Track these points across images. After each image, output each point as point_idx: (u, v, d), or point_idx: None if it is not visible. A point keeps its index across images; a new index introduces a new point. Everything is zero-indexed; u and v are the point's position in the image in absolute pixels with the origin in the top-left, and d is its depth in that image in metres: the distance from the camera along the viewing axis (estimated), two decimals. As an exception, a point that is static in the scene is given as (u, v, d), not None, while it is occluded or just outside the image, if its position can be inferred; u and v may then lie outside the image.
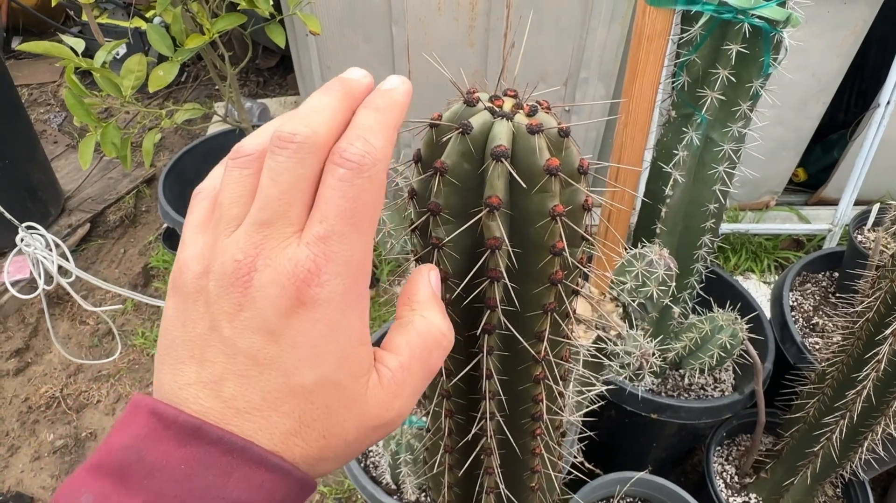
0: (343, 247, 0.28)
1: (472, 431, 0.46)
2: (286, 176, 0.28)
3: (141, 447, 0.26)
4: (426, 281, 0.34)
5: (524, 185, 0.33)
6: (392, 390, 0.30)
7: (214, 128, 2.36)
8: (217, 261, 0.29)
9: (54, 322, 1.90)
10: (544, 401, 0.44)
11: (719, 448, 1.38)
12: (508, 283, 0.36)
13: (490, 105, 0.35)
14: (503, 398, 0.44)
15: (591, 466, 0.94)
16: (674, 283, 0.83)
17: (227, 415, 0.27)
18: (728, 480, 1.33)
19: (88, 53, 1.32)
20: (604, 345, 0.78)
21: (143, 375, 1.88)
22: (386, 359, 0.31)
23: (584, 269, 0.40)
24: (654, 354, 0.76)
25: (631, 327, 0.81)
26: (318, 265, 0.27)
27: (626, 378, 0.76)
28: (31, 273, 1.50)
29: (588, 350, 0.74)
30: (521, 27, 1.69)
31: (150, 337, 1.94)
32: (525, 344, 0.39)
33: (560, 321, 0.40)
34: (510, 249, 0.35)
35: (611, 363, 0.76)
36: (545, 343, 0.40)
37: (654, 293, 0.82)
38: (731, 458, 1.37)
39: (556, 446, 0.51)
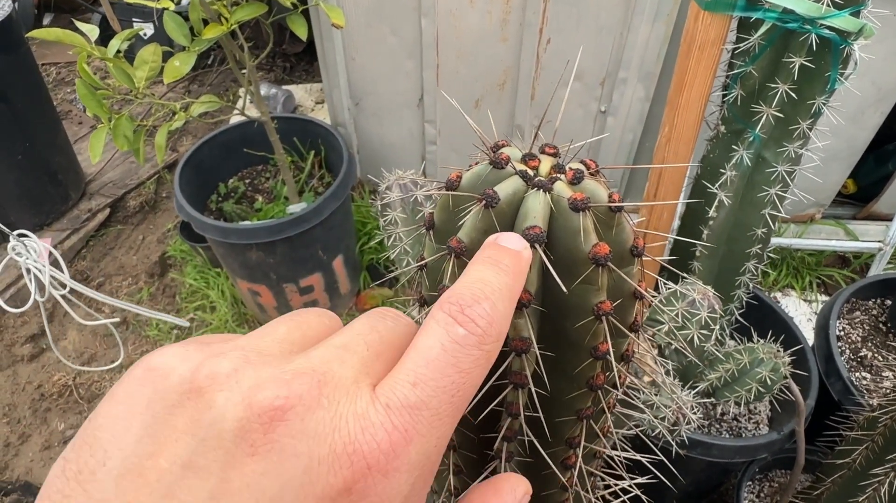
0: (433, 429, 0.20)
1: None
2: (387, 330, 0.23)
3: None
4: None
5: (564, 287, 0.25)
6: None
7: (239, 116, 2.30)
8: (248, 374, 0.20)
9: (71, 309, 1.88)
10: (572, 507, 0.37)
11: (751, 483, 1.29)
12: (536, 390, 0.29)
13: (523, 168, 0.28)
14: None
15: (609, 496, 0.87)
16: (717, 327, 0.74)
17: None
18: (758, 519, 1.25)
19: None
20: (636, 394, 0.70)
21: (156, 368, 1.85)
22: None
23: (629, 360, 0.33)
24: (692, 408, 0.68)
25: (667, 373, 0.73)
26: (393, 444, 0.19)
27: (659, 434, 0.68)
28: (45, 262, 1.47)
29: (619, 399, 0.67)
30: (558, 22, 1.59)
31: (163, 328, 1.91)
32: (548, 454, 0.32)
33: (595, 426, 0.33)
34: (539, 353, 0.28)
35: (643, 415, 0.68)
36: (579, 450, 0.33)
37: (696, 337, 0.73)
38: (763, 495, 1.29)
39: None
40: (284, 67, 2.91)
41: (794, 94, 0.87)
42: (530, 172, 0.28)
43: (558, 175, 0.28)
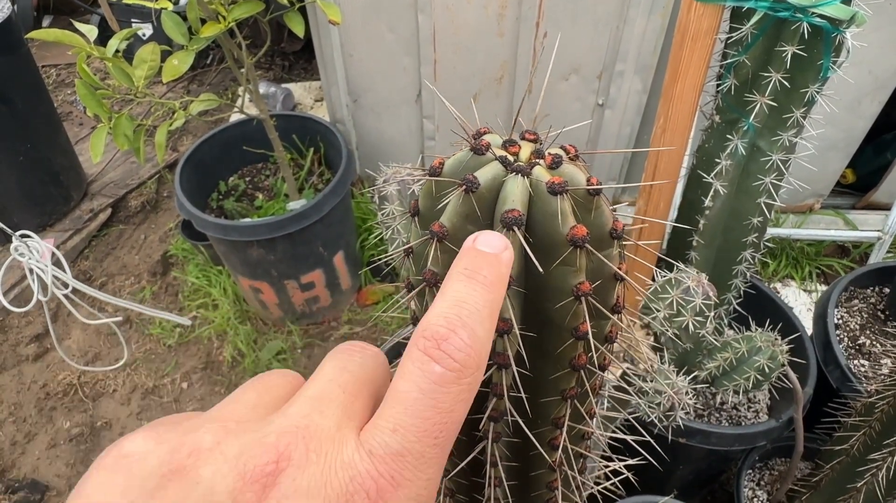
0: (419, 472, 0.20)
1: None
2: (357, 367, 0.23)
3: None
4: None
5: (540, 268, 0.26)
6: None
7: (239, 114, 2.31)
8: (232, 444, 0.20)
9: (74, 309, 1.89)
10: (559, 488, 0.37)
11: (751, 471, 1.30)
12: (519, 370, 0.30)
13: (503, 153, 0.28)
14: (512, 484, 0.38)
15: (609, 489, 0.87)
16: (712, 314, 0.75)
17: None
18: (759, 507, 1.25)
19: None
20: (631, 381, 0.71)
21: (160, 366, 1.86)
22: None
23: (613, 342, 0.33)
24: (687, 394, 0.69)
25: (662, 360, 0.74)
26: (380, 492, 0.20)
27: (655, 418, 0.69)
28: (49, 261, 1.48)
29: (612, 388, 0.67)
30: (555, 16, 1.60)
31: (166, 327, 1.92)
32: (534, 435, 0.33)
33: (581, 407, 0.33)
34: (521, 333, 0.29)
35: (639, 401, 0.69)
36: (563, 429, 0.34)
37: (690, 324, 0.74)
38: (763, 483, 1.29)
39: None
40: (283, 66, 2.92)
41: (787, 83, 0.87)
42: (510, 158, 0.28)
43: (538, 160, 0.28)
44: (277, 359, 1.84)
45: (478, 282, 0.23)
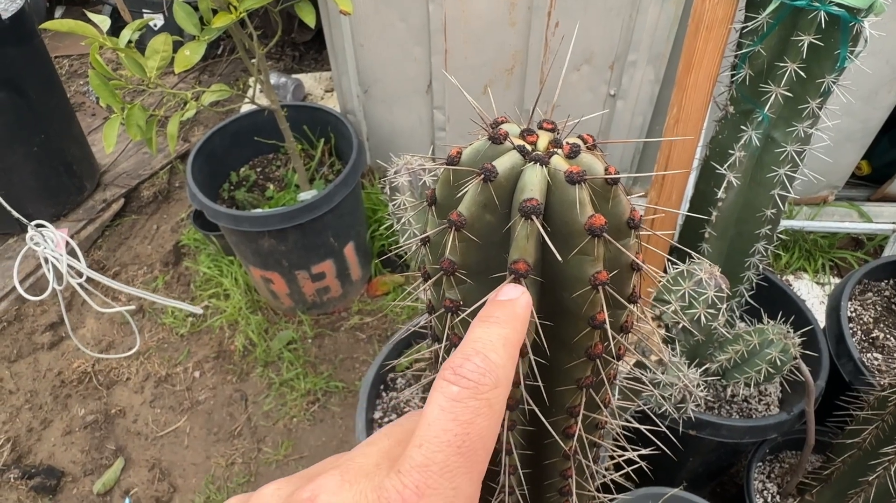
0: (444, 481, 0.22)
1: None
2: None
3: None
4: None
5: (559, 256, 0.26)
6: None
7: (249, 105, 2.32)
8: (347, 488, 0.24)
9: (86, 299, 1.91)
10: (573, 476, 0.38)
11: (761, 464, 1.30)
12: (535, 358, 0.30)
13: (521, 143, 0.28)
14: (527, 471, 0.38)
15: (620, 479, 0.88)
16: (724, 306, 0.75)
17: None
18: (769, 499, 1.25)
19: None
20: (642, 373, 0.71)
21: (172, 354, 1.88)
22: None
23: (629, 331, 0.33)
24: (698, 386, 0.69)
25: (673, 352, 0.73)
26: (405, 501, 0.22)
27: (665, 410, 0.69)
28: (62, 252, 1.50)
29: (627, 377, 0.67)
30: (566, 5, 1.58)
31: (178, 316, 1.94)
32: (550, 423, 0.33)
33: (596, 396, 0.34)
34: (538, 322, 0.29)
35: (650, 393, 0.69)
36: (578, 419, 0.34)
37: (702, 316, 0.74)
38: (773, 476, 1.29)
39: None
40: (294, 56, 2.92)
41: (802, 73, 0.86)
42: (528, 147, 0.28)
43: (556, 149, 0.28)
44: (288, 348, 1.85)
45: (491, 323, 0.25)
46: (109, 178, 2.33)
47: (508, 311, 0.26)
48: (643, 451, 0.41)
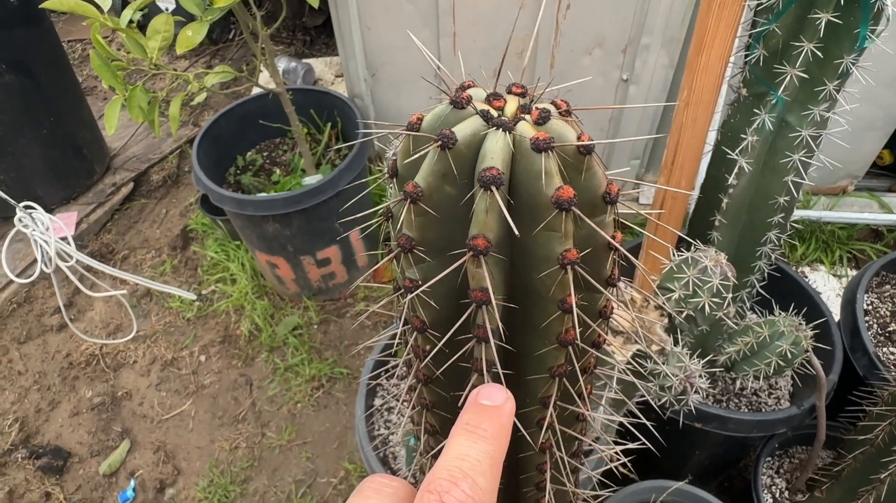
0: None
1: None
2: None
3: None
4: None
5: (516, 231, 0.24)
6: None
7: (259, 88, 2.30)
8: None
9: (96, 281, 1.91)
10: (549, 470, 0.35)
11: (770, 459, 1.27)
12: (503, 344, 0.28)
13: (485, 107, 0.26)
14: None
15: (624, 471, 0.85)
16: (730, 295, 0.72)
17: None
18: (777, 495, 1.22)
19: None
20: (643, 363, 0.69)
21: (179, 338, 1.89)
22: None
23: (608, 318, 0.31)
24: (700, 376, 0.66)
25: (676, 342, 0.71)
26: None
27: (666, 402, 0.66)
28: (68, 234, 1.50)
29: (624, 368, 0.65)
30: (578, -13, 1.54)
31: (185, 300, 1.94)
32: (522, 414, 0.31)
33: (572, 387, 0.31)
34: (504, 304, 0.27)
35: (650, 384, 0.66)
36: (551, 409, 0.31)
37: (706, 305, 0.71)
38: (782, 471, 1.26)
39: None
40: (304, 41, 2.89)
41: (820, 53, 0.82)
42: (493, 112, 0.26)
43: (524, 116, 0.26)
44: (294, 334, 1.85)
45: (479, 437, 0.25)
46: (119, 161, 2.33)
47: (496, 425, 0.25)
48: (630, 446, 0.39)
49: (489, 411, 0.25)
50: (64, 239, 1.25)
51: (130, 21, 1.20)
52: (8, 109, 1.90)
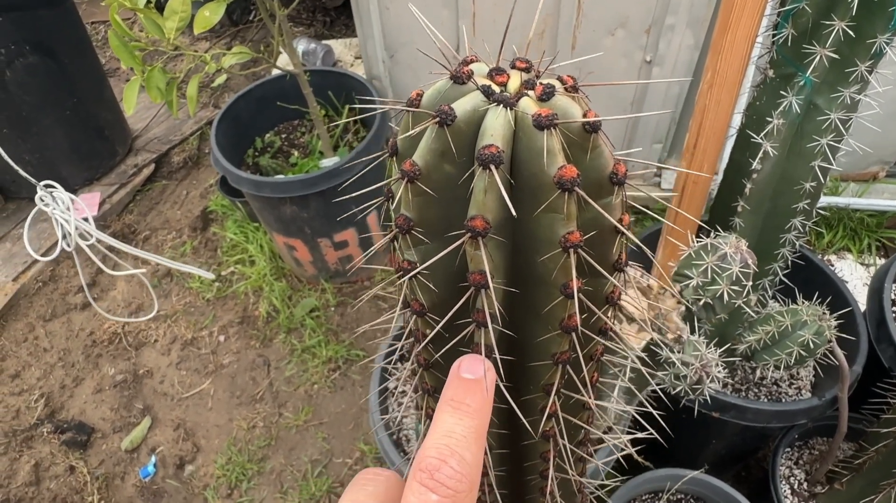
0: None
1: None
2: None
3: None
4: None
5: (514, 212, 0.23)
6: None
7: (278, 70, 2.30)
8: None
9: (118, 261, 1.94)
10: (553, 458, 0.35)
11: (789, 450, 1.25)
12: (504, 329, 0.27)
13: (487, 83, 0.25)
14: (504, 452, 0.35)
15: (640, 459, 0.84)
16: (750, 283, 0.70)
17: None
18: (795, 486, 1.20)
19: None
20: (658, 351, 0.67)
21: (199, 318, 1.91)
22: None
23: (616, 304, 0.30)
24: (717, 365, 0.65)
25: (692, 331, 0.69)
26: None
27: (680, 391, 0.65)
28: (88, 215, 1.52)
29: (637, 357, 0.64)
30: (601, -35, 1.50)
31: (205, 280, 1.96)
32: (524, 402, 0.30)
33: (576, 375, 0.30)
34: (505, 288, 0.26)
35: (665, 373, 0.65)
36: (553, 397, 0.31)
37: (725, 293, 0.69)
38: (801, 462, 1.24)
39: None
40: (324, 22, 2.88)
41: (851, 32, 0.79)
42: (495, 88, 0.25)
43: (527, 91, 0.25)
44: (311, 316, 1.86)
45: (463, 413, 0.26)
46: (141, 143, 2.36)
47: (479, 399, 0.26)
48: (639, 436, 0.38)
49: (471, 385, 0.26)
50: (85, 219, 1.26)
51: (148, 1, 1.20)
52: (32, 90, 1.92)
